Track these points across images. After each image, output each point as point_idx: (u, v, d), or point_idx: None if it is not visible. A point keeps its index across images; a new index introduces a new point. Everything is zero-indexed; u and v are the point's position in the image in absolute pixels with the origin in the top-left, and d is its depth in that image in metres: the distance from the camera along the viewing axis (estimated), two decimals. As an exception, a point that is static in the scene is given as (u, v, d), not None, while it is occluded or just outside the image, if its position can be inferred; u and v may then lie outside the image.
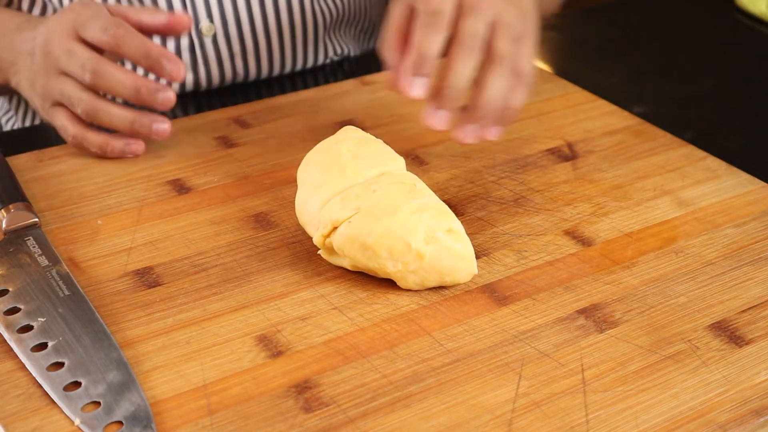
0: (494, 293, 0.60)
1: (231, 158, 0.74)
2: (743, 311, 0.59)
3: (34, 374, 0.53)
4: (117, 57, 0.74)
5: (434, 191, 0.70)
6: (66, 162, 0.74)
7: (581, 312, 0.59)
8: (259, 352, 0.55)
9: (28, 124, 0.97)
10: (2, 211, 0.64)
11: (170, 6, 0.87)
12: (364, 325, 0.57)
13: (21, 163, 0.73)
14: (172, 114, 0.86)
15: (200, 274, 0.61)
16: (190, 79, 0.90)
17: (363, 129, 0.77)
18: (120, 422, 0.50)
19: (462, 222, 0.62)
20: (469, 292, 0.60)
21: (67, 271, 0.60)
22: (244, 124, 0.79)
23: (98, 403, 0.51)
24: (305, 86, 0.92)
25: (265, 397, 0.52)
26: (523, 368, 0.54)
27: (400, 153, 0.70)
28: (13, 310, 0.57)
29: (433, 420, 0.51)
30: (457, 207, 0.68)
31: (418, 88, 0.64)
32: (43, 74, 0.74)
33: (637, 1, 1.13)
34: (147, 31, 0.74)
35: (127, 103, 0.74)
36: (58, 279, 0.59)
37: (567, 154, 0.76)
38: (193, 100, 0.89)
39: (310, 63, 0.96)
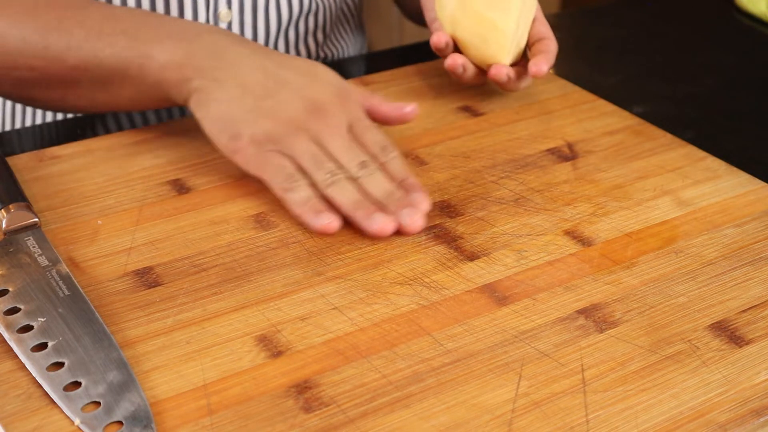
0: (494, 293, 0.60)
1: (231, 158, 0.74)
2: (743, 311, 0.59)
3: (34, 374, 0.53)
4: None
5: (434, 191, 0.70)
6: (66, 162, 0.74)
7: (581, 312, 0.59)
8: (259, 352, 0.55)
9: (28, 123, 0.97)
10: (2, 211, 0.64)
11: None
12: (364, 325, 0.57)
13: (21, 163, 0.73)
14: (172, 113, 0.86)
15: (200, 274, 0.61)
16: None
17: (363, 129, 0.77)
18: (120, 422, 0.50)
19: (462, 222, 0.62)
20: (469, 292, 0.60)
21: (67, 271, 0.60)
22: (244, 124, 0.79)
23: (98, 403, 0.51)
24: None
25: (265, 397, 0.52)
26: (523, 368, 0.54)
27: (400, 153, 0.70)
28: (13, 310, 0.57)
29: (433, 420, 0.51)
30: (457, 207, 0.68)
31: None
32: (286, 118, 0.67)
33: (637, 1, 1.13)
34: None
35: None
36: (58, 279, 0.59)
37: (567, 154, 0.76)
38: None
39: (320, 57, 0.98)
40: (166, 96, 0.72)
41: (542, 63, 0.78)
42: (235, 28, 0.91)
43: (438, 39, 0.79)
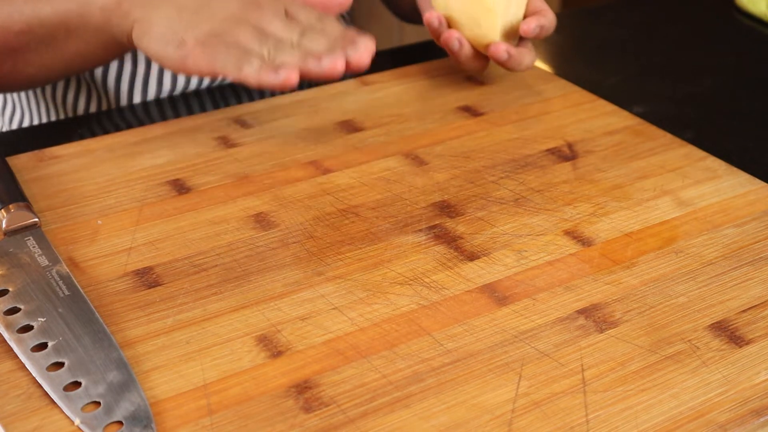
0: (494, 293, 0.60)
1: (231, 158, 0.74)
2: (743, 311, 0.59)
3: (34, 374, 0.53)
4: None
5: (434, 191, 0.70)
6: (66, 162, 0.74)
7: (581, 312, 0.59)
8: (259, 352, 0.55)
9: (27, 123, 0.97)
10: (2, 211, 0.64)
11: None
12: (364, 325, 0.57)
13: (21, 163, 0.73)
14: (173, 114, 0.86)
15: (200, 274, 0.61)
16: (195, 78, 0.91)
17: (363, 129, 0.77)
18: (120, 422, 0.50)
19: (462, 222, 0.62)
20: (469, 292, 0.60)
21: (67, 271, 0.60)
22: (244, 124, 0.79)
23: (98, 403, 0.51)
24: (305, 86, 0.92)
25: (265, 397, 0.52)
26: (523, 368, 0.54)
27: (400, 153, 0.70)
28: (13, 310, 0.57)
29: (433, 420, 0.51)
30: (457, 207, 0.69)
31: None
32: (225, 16, 0.72)
33: (637, 1, 1.13)
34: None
35: None
36: (58, 279, 0.59)
37: (567, 154, 0.76)
38: (194, 100, 0.89)
39: None
40: (110, 38, 0.76)
41: (531, 22, 0.79)
42: None
43: (430, 15, 0.81)
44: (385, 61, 0.97)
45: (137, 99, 0.92)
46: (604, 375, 0.54)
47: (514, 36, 0.81)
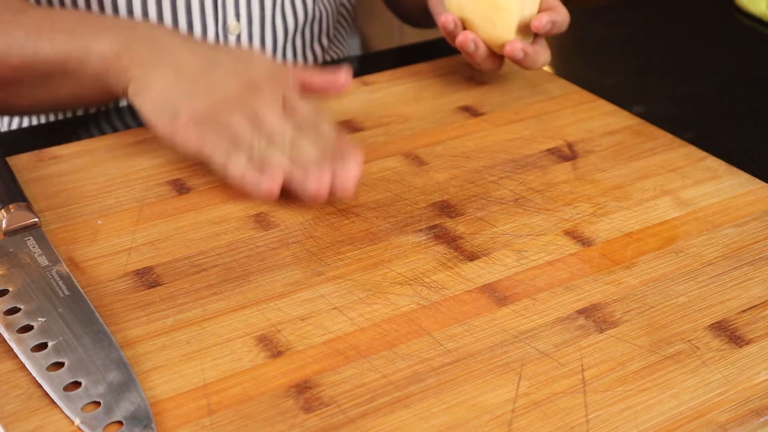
0: (494, 293, 0.60)
1: (231, 158, 0.74)
2: (743, 311, 0.59)
3: (34, 374, 0.53)
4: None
5: (434, 191, 0.70)
6: (66, 162, 0.74)
7: (581, 312, 0.59)
8: (259, 352, 0.55)
9: (27, 124, 0.97)
10: (2, 211, 0.64)
11: (201, 6, 0.87)
12: (364, 325, 0.57)
13: (21, 163, 0.73)
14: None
15: (200, 274, 0.61)
16: None
17: (363, 129, 0.77)
18: (120, 422, 0.50)
19: (462, 222, 0.62)
20: (469, 292, 0.60)
21: (67, 271, 0.60)
22: (244, 124, 0.79)
23: (98, 403, 0.51)
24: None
25: (265, 397, 0.52)
26: (523, 368, 0.54)
27: (400, 153, 0.70)
28: (13, 310, 0.57)
29: (433, 420, 0.51)
30: (457, 207, 0.68)
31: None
32: (222, 96, 0.69)
33: (636, 1, 1.13)
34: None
35: None
36: (58, 279, 0.59)
37: (567, 154, 0.76)
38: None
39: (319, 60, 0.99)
40: (105, 87, 0.74)
41: (543, 17, 0.79)
42: (244, 39, 0.91)
43: (446, 19, 0.81)
44: (385, 61, 0.98)
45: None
46: (604, 375, 0.54)
47: (528, 35, 0.81)
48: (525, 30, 0.81)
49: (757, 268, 0.63)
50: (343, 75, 0.74)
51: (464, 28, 0.82)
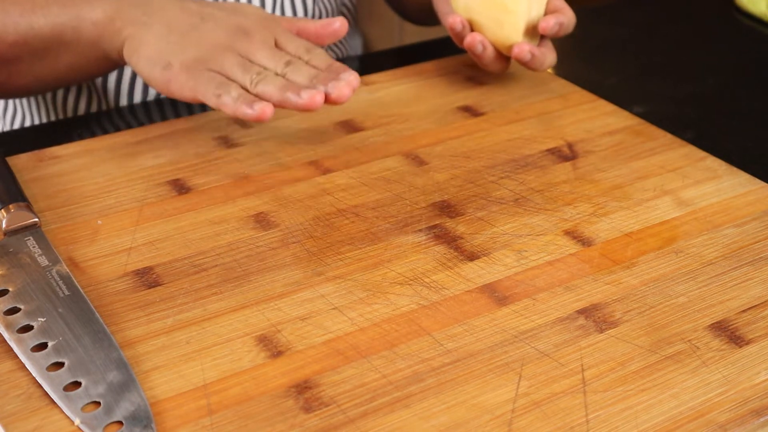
0: (494, 293, 0.60)
1: (231, 158, 0.74)
2: (743, 311, 0.59)
3: (34, 374, 0.53)
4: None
5: (434, 191, 0.70)
6: (66, 162, 0.74)
7: (581, 312, 0.59)
8: (259, 352, 0.55)
9: (28, 123, 0.97)
10: (2, 211, 0.64)
11: None
12: (364, 325, 0.57)
13: (21, 163, 0.73)
14: (173, 114, 0.86)
15: (200, 274, 0.61)
16: None
17: (363, 129, 0.77)
18: (120, 422, 0.50)
19: (462, 222, 0.62)
20: (469, 292, 0.60)
21: (67, 271, 0.60)
22: (244, 124, 0.79)
23: (98, 403, 0.51)
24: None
25: (265, 397, 0.52)
26: (523, 368, 0.54)
27: (400, 153, 0.70)
28: (13, 310, 0.57)
29: (433, 420, 0.51)
30: (457, 207, 0.68)
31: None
32: (212, 43, 0.72)
33: (637, 1, 1.13)
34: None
35: None
36: (58, 279, 0.59)
37: (567, 154, 0.76)
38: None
39: None
40: (102, 53, 0.76)
41: (550, 19, 0.79)
42: None
43: (454, 20, 0.81)
44: (385, 61, 0.98)
45: (137, 99, 0.92)
46: (604, 375, 0.54)
47: (535, 36, 0.81)
48: (532, 32, 0.81)
49: (757, 268, 0.63)
50: (338, 22, 0.76)
51: (471, 30, 0.82)
